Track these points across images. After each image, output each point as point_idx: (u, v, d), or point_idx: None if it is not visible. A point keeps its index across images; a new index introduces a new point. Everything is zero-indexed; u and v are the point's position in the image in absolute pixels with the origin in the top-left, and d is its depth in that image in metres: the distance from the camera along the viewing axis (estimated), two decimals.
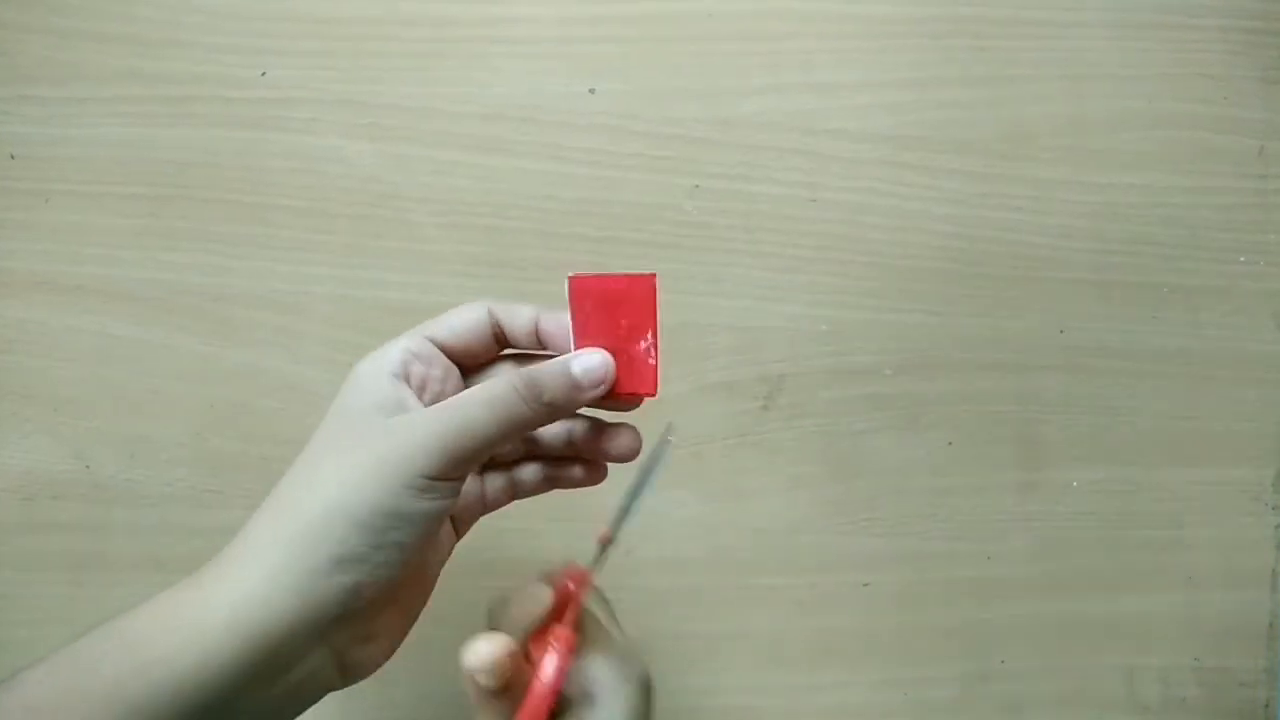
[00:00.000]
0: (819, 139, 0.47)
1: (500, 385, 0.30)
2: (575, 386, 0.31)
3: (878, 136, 0.47)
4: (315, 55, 0.46)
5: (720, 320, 0.47)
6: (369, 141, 0.46)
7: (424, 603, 0.34)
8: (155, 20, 0.45)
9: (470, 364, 0.34)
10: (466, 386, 0.33)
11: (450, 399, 0.30)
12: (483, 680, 0.29)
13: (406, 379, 0.31)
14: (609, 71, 0.47)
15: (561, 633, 0.31)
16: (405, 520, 0.28)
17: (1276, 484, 0.49)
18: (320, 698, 0.30)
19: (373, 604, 0.29)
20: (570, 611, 0.32)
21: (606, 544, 0.34)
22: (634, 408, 0.34)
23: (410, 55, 0.46)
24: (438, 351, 0.32)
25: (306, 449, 0.30)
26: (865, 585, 0.47)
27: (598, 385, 0.32)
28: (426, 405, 0.31)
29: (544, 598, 0.32)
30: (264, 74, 0.45)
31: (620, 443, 0.34)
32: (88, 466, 0.45)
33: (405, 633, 0.33)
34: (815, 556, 0.47)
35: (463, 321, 0.33)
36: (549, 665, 0.30)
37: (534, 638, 0.32)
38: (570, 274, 0.33)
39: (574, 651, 0.31)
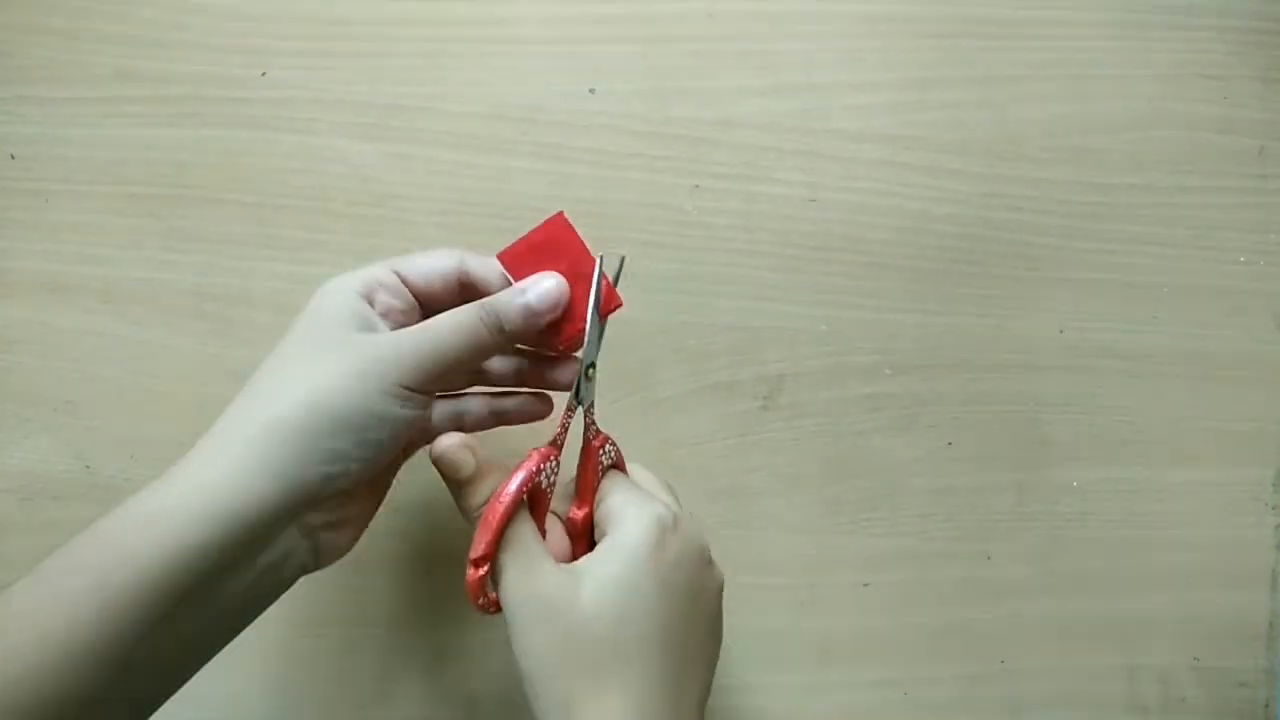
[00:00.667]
0: (819, 139, 0.47)
1: (466, 313, 0.33)
2: (532, 312, 0.34)
3: (878, 136, 0.47)
4: (315, 55, 0.46)
5: (720, 320, 0.47)
6: (369, 141, 0.46)
7: (383, 498, 0.36)
8: (155, 20, 0.45)
9: (433, 307, 0.35)
10: None
11: (426, 322, 0.33)
12: (443, 469, 0.33)
13: (370, 303, 0.33)
14: (609, 71, 0.47)
15: (540, 450, 0.34)
16: (384, 422, 0.31)
17: (1276, 484, 0.49)
18: (295, 580, 0.33)
19: (343, 493, 0.32)
20: (559, 438, 0.35)
21: (586, 376, 0.36)
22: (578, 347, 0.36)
23: (410, 55, 0.46)
24: (403, 286, 0.35)
25: (277, 350, 0.32)
26: (865, 585, 0.47)
27: (553, 308, 0.34)
28: (382, 331, 0.33)
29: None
30: (264, 74, 0.45)
31: (564, 372, 0.37)
32: (88, 466, 0.45)
33: (368, 522, 0.36)
34: (815, 556, 0.47)
35: (432, 264, 0.35)
36: (518, 473, 0.33)
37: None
38: (497, 253, 0.36)
39: (547, 461, 0.34)
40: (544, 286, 0.34)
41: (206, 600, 0.29)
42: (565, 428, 0.35)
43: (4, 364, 0.45)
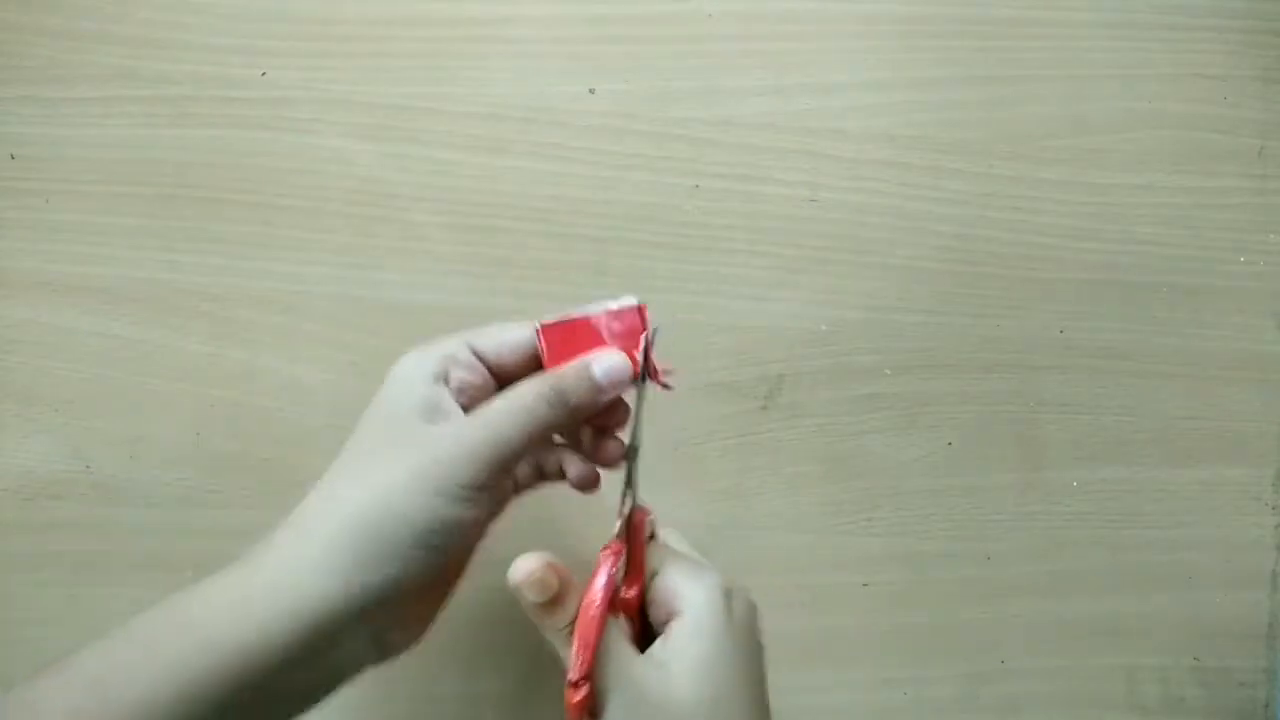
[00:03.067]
0: (819, 139, 0.47)
1: (529, 394, 0.32)
2: (597, 388, 0.33)
3: (878, 136, 0.47)
4: (315, 55, 0.46)
5: (720, 320, 0.47)
6: (369, 141, 0.46)
7: (455, 587, 0.35)
8: (155, 20, 0.45)
9: (508, 380, 0.35)
10: None
11: (484, 410, 0.32)
12: (529, 593, 0.31)
13: (445, 381, 0.33)
14: (609, 71, 0.47)
15: (610, 545, 0.33)
16: (446, 525, 0.30)
17: (1276, 484, 0.49)
18: (359, 674, 0.32)
19: (411, 593, 0.30)
20: (623, 530, 0.34)
21: (631, 458, 0.35)
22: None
23: (410, 55, 0.46)
24: (477, 361, 0.34)
25: (352, 443, 0.32)
26: (865, 585, 0.47)
27: (619, 384, 0.34)
28: (464, 407, 0.33)
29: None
30: (264, 74, 0.45)
31: (610, 450, 0.36)
32: (88, 466, 0.45)
33: (436, 615, 0.34)
34: (815, 556, 0.47)
35: (505, 337, 0.34)
36: (597, 579, 0.31)
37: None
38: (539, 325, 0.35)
39: (619, 557, 0.32)
40: (610, 362, 0.33)
41: (274, 692, 0.29)
42: (623, 517, 0.34)
43: (4, 364, 0.45)
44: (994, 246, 0.48)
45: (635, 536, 0.34)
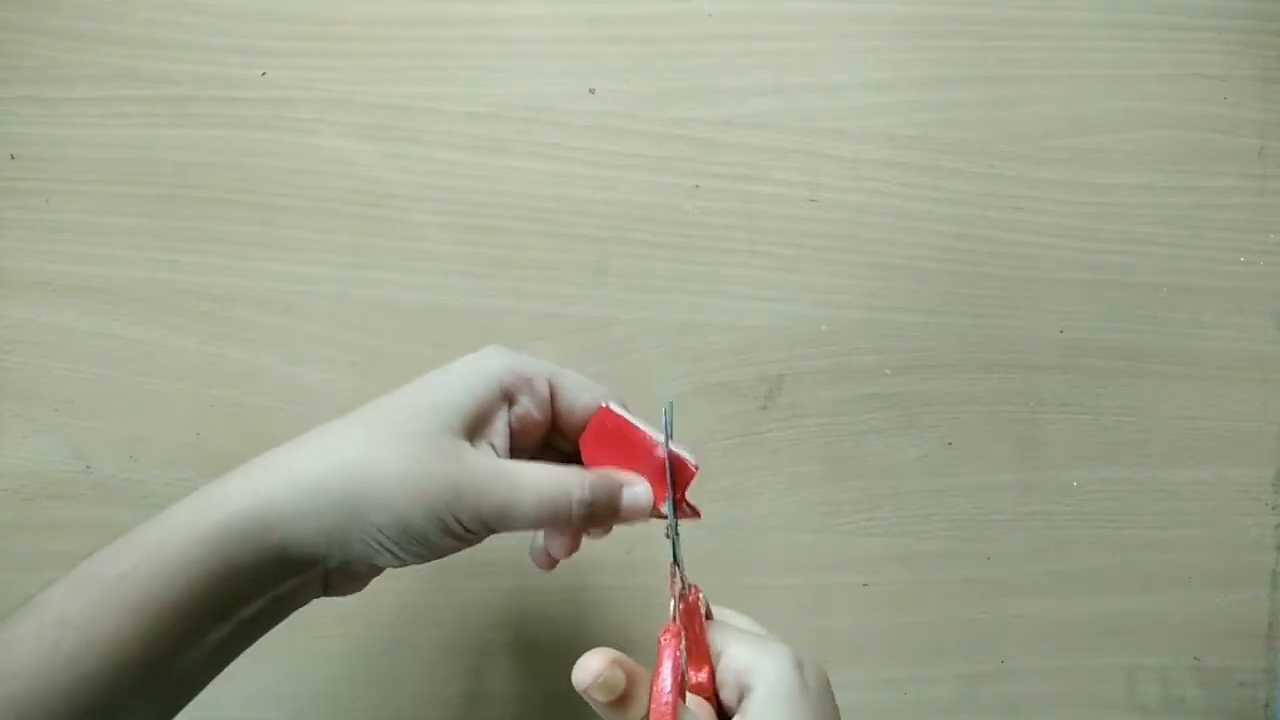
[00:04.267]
0: (819, 139, 0.47)
1: (560, 487, 0.32)
2: (615, 513, 0.34)
3: (878, 136, 0.47)
4: (315, 55, 0.46)
5: (720, 320, 0.47)
6: (369, 141, 0.46)
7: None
8: (155, 20, 0.45)
9: (563, 430, 0.35)
10: (550, 446, 0.35)
11: (514, 468, 0.32)
12: (597, 695, 0.30)
13: (510, 403, 0.33)
14: (609, 71, 0.47)
15: (670, 629, 0.32)
16: (430, 546, 0.31)
17: (1276, 484, 0.49)
18: (302, 606, 0.33)
19: (367, 569, 0.32)
20: (677, 611, 0.33)
21: (674, 535, 0.35)
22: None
23: (410, 55, 0.46)
24: (549, 400, 0.34)
25: (388, 409, 0.32)
26: (865, 585, 0.47)
27: (636, 516, 0.34)
28: (512, 432, 0.33)
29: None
30: (264, 74, 0.45)
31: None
32: (88, 466, 0.45)
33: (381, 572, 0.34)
34: (815, 556, 0.47)
35: (585, 399, 0.34)
36: (664, 666, 0.30)
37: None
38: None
39: (680, 639, 0.31)
40: (638, 494, 0.34)
41: (232, 618, 0.30)
42: (676, 598, 0.34)
43: (4, 364, 0.45)
44: (994, 246, 0.48)
45: (693, 617, 0.34)
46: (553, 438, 0.35)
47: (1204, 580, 0.48)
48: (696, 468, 0.34)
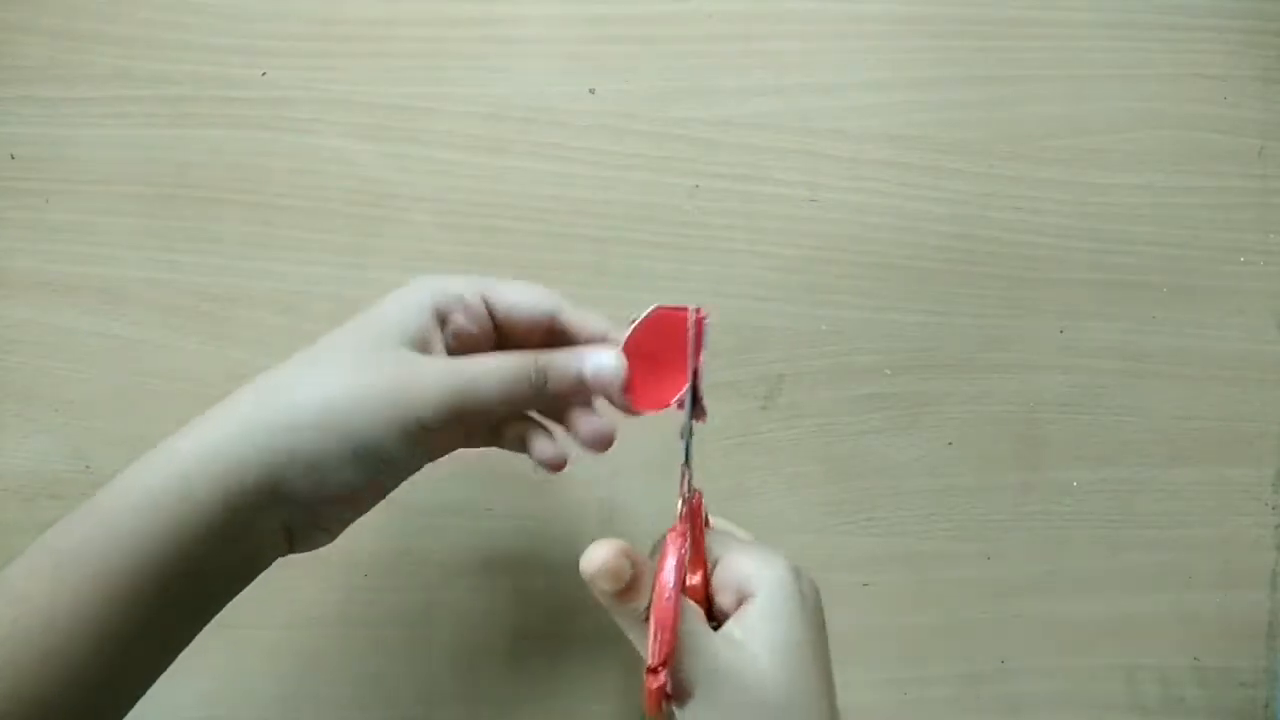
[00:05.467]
0: (819, 139, 0.47)
1: (514, 366, 0.31)
2: (579, 382, 0.32)
3: (878, 136, 0.47)
4: (315, 55, 0.46)
5: (720, 320, 0.47)
6: (369, 141, 0.46)
7: (375, 503, 0.34)
8: (155, 20, 0.45)
9: (510, 344, 0.34)
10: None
11: (466, 359, 0.31)
12: (603, 583, 0.29)
13: (443, 321, 0.32)
14: (609, 71, 0.47)
15: (676, 529, 0.32)
16: (389, 455, 0.30)
17: (1276, 484, 0.49)
18: (270, 563, 0.32)
19: (331, 501, 0.31)
20: (686, 518, 0.32)
21: (688, 437, 0.34)
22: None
23: (410, 55, 0.46)
24: (485, 313, 0.33)
25: (326, 341, 0.31)
26: (865, 585, 0.47)
27: (605, 389, 0.33)
28: (452, 353, 0.32)
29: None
30: (264, 74, 0.45)
31: (588, 430, 0.34)
32: (88, 466, 0.45)
33: (351, 522, 0.34)
34: (815, 556, 0.47)
35: (526, 299, 0.33)
36: (668, 561, 0.30)
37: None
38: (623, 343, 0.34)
39: (686, 540, 0.31)
40: (601, 361, 0.33)
41: (194, 579, 0.30)
42: (684, 498, 0.33)
43: (4, 364, 0.45)
44: (994, 246, 0.48)
45: (695, 520, 0.33)
46: (505, 347, 0.34)
47: (1204, 580, 0.48)
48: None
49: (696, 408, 0.34)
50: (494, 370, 0.31)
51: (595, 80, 0.46)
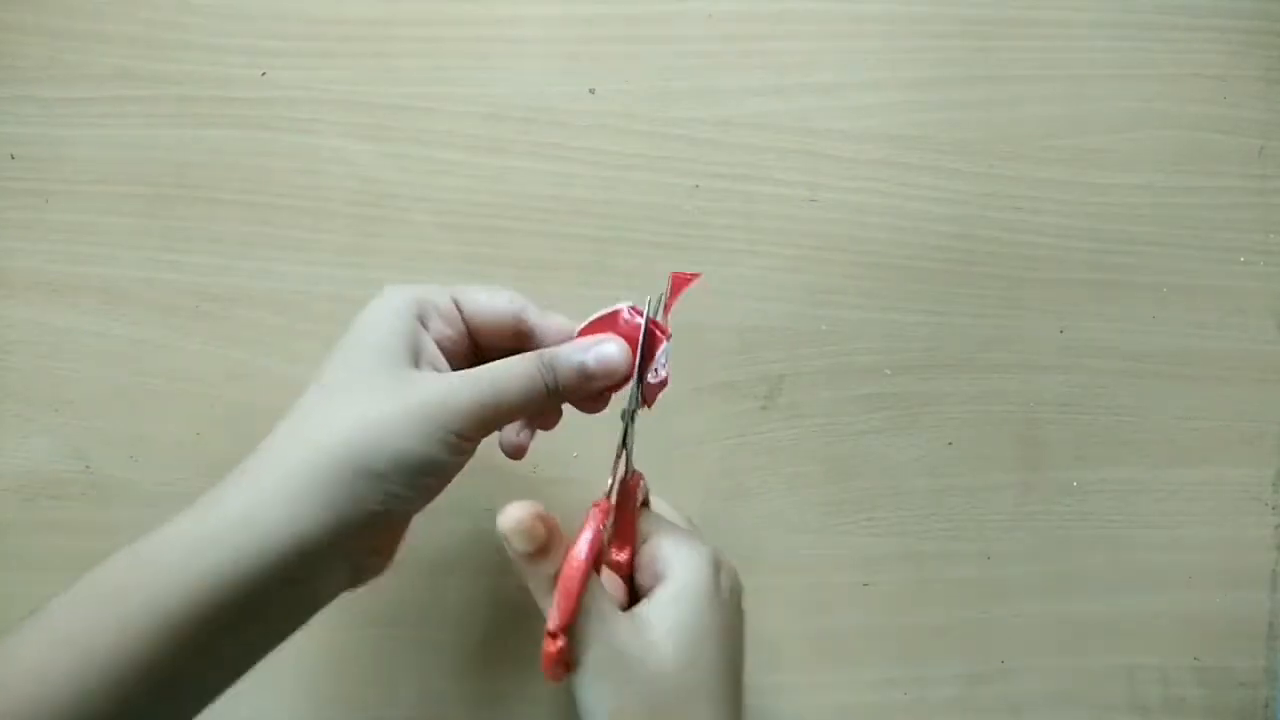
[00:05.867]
0: (819, 139, 0.47)
1: (528, 366, 0.32)
2: (587, 374, 0.33)
3: (878, 136, 0.47)
4: (315, 55, 0.46)
5: (720, 320, 0.47)
6: (370, 141, 0.46)
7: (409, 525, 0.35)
8: (155, 20, 0.45)
9: (482, 344, 0.35)
10: (477, 361, 0.34)
11: (484, 369, 0.32)
12: (516, 542, 0.30)
13: (424, 324, 0.33)
14: (609, 71, 0.47)
15: (600, 504, 0.32)
16: (436, 467, 0.30)
17: (1276, 484, 0.49)
18: (333, 598, 0.32)
19: (385, 526, 0.31)
20: (613, 490, 0.34)
21: (629, 420, 0.35)
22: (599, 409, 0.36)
23: (410, 55, 0.46)
24: (458, 316, 0.34)
25: (325, 372, 0.31)
26: (865, 585, 0.47)
27: (608, 376, 0.33)
28: (438, 355, 0.33)
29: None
30: (264, 74, 0.45)
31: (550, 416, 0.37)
32: (88, 466, 0.45)
33: (402, 543, 0.35)
34: (815, 556, 0.47)
35: (493, 303, 0.34)
36: (584, 534, 0.31)
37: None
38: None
39: (608, 515, 0.32)
40: (605, 350, 0.33)
41: (250, 624, 0.29)
42: (616, 478, 0.34)
43: (4, 364, 0.45)
44: (994, 246, 0.48)
45: (628, 501, 0.35)
46: (480, 353, 0.35)
47: (1204, 580, 0.48)
48: (667, 336, 0.35)
49: (643, 390, 0.34)
50: (514, 376, 0.32)
51: (595, 80, 0.46)
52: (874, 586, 0.47)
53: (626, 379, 0.34)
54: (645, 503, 0.37)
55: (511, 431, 0.37)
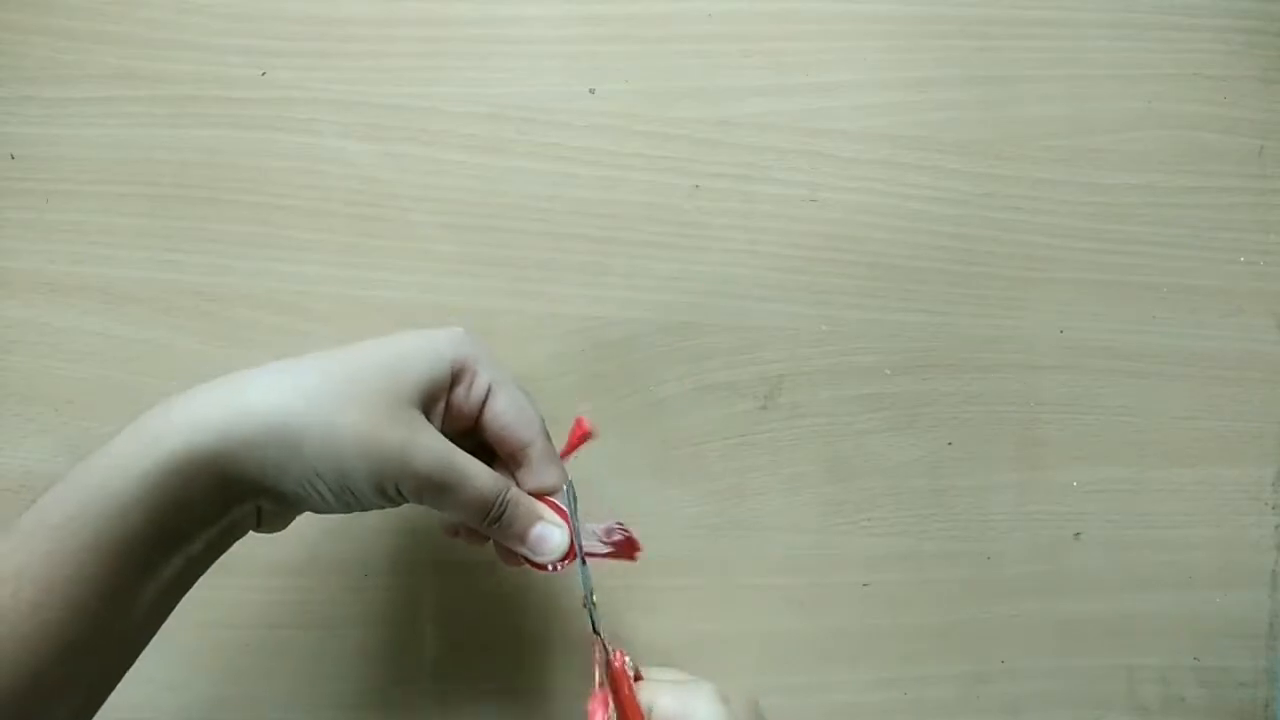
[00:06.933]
0: (819, 139, 0.47)
1: (492, 486, 0.34)
2: (520, 542, 0.35)
3: (878, 136, 0.47)
4: (315, 55, 0.46)
5: (720, 320, 0.47)
6: (369, 141, 0.46)
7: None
8: (155, 20, 0.45)
9: (473, 432, 0.36)
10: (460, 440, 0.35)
11: (460, 455, 0.33)
12: None
13: (455, 381, 0.34)
14: (609, 71, 0.47)
15: (596, 696, 0.34)
16: (360, 502, 0.32)
17: (1276, 484, 0.49)
18: (238, 538, 0.33)
19: (305, 508, 0.33)
20: (604, 677, 0.35)
21: (590, 605, 0.37)
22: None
23: (410, 55, 0.46)
24: (482, 399, 0.35)
25: (353, 359, 0.32)
26: (865, 585, 0.47)
27: (538, 558, 0.36)
28: (442, 417, 0.34)
29: None
30: (264, 74, 0.45)
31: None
32: None
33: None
34: (815, 556, 0.47)
35: (515, 425, 0.35)
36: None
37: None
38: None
39: (608, 706, 0.34)
40: (550, 539, 0.35)
41: (182, 550, 0.31)
42: (600, 665, 0.36)
43: (4, 364, 0.45)
44: (994, 246, 0.48)
45: (621, 682, 0.35)
46: (466, 434, 0.36)
47: (1204, 580, 0.48)
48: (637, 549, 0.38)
49: (622, 548, 0.37)
50: (478, 482, 0.33)
51: (595, 80, 0.46)
52: (874, 586, 0.47)
53: (562, 557, 0.36)
54: (638, 676, 0.37)
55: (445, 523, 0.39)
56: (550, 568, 0.36)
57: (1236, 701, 0.48)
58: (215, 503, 0.31)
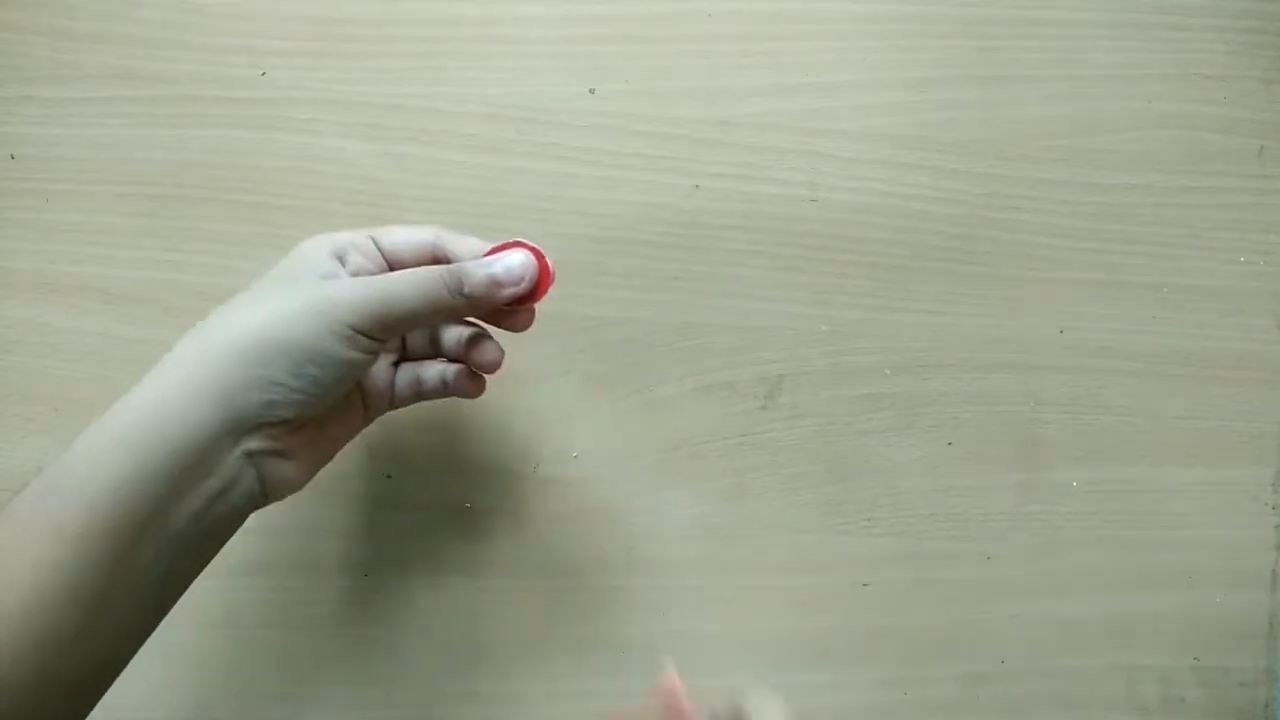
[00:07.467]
0: (819, 139, 0.47)
1: (430, 272, 0.34)
2: (495, 283, 0.35)
3: (878, 136, 0.47)
4: (315, 55, 0.46)
5: (720, 320, 0.47)
6: (369, 141, 0.46)
7: (334, 453, 0.37)
8: (155, 20, 0.45)
9: None
10: None
11: (383, 275, 0.34)
12: None
13: (342, 261, 0.35)
14: (609, 71, 0.47)
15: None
16: (326, 359, 0.32)
17: (1276, 484, 0.49)
18: (248, 511, 0.34)
19: (286, 423, 0.33)
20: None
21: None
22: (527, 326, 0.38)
23: (410, 55, 0.46)
24: (378, 253, 0.36)
25: (239, 295, 0.34)
26: (865, 585, 0.47)
27: (517, 283, 0.36)
28: None
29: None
30: (264, 74, 0.45)
31: (485, 355, 0.38)
32: None
33: (321, 462, 0.37)
34: (815, 556, 0.47)
35: (408, 237, 0.37)
36: None
37: None
38: None
39: None
40: (512, 261, 0.36)
41: (161, 529, 0.30)
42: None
43: (5, 364, 0.45)
44: (994, 246, 0.48)
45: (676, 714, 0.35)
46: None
47: (1204, 580, 0.48)
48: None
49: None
50: (408, 276, 0.34)
51: (595, 80, 0.46)
52: (874, 586, 0.47)
53: (533, 288, 0.36)
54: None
55: (486, 345, 0.39)
56: (535, 295, 0.37)
57: (1236, 701, 0.48)
58: (179, 471, 0.30)
